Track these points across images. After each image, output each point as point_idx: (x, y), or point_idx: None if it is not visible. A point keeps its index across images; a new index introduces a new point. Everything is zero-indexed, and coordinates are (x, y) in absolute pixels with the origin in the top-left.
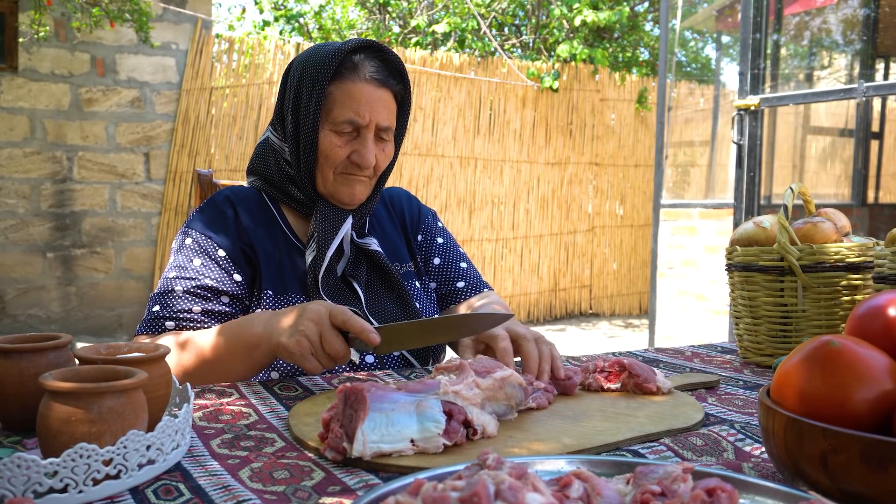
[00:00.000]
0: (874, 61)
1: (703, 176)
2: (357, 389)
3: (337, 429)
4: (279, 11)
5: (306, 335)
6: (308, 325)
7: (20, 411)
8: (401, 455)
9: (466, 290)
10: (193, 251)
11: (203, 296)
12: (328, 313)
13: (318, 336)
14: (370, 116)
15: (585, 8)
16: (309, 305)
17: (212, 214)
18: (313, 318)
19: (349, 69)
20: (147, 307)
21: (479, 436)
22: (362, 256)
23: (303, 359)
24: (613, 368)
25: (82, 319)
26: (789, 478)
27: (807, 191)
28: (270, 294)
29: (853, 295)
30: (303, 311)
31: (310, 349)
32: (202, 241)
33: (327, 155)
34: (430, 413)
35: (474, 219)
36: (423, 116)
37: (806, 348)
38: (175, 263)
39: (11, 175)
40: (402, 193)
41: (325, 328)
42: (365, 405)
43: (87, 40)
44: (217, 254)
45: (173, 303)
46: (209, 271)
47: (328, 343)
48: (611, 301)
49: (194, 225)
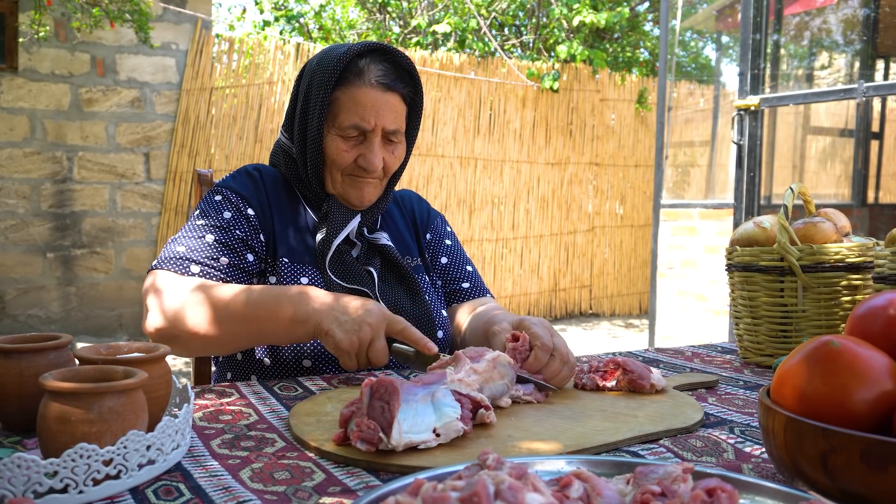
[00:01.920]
0: (874, 61)
1: (703, 176)
2: (387, 381)
3: (367, 421)
4: (279, 11)
5: (360, 337)
6: (366, 330)
7: (20, 411)
8: (426, 446)
9: (470, 292)
10: (223, 206)
11: (232, 248)
12: (387, 322)
13: (369, 341)
14: (375, 121)
15: (585, 8)
16: (371, 308)
17: (242, 179)
18: (373, 323)
19: (354, 74)
20: (166, 246)
21: (492, 409)
22: (374, 250)
23: (345, 356)
24: (609, 367)
25: (82, 319)
26: (789, 478)
27: (807, 191)
28: (286, 262)
29: (853, 295)
30: (365, 311)
31: (356, 350)
32: (233, 198)
33: (334, 159)
34: (445, 401)
35: (474, 219)
36: (424, 116)
37: (806, 348)
38: (203, 214)
39: (11, 175)
40: (412, 195)
41: (379, 336)
42: (398, 396)
43: (87, 40)
44: (247, 211)
45: (201, 248)
46: (239, 224)
47: (374, 350)
48: (611, 301)
49: (226, 184)
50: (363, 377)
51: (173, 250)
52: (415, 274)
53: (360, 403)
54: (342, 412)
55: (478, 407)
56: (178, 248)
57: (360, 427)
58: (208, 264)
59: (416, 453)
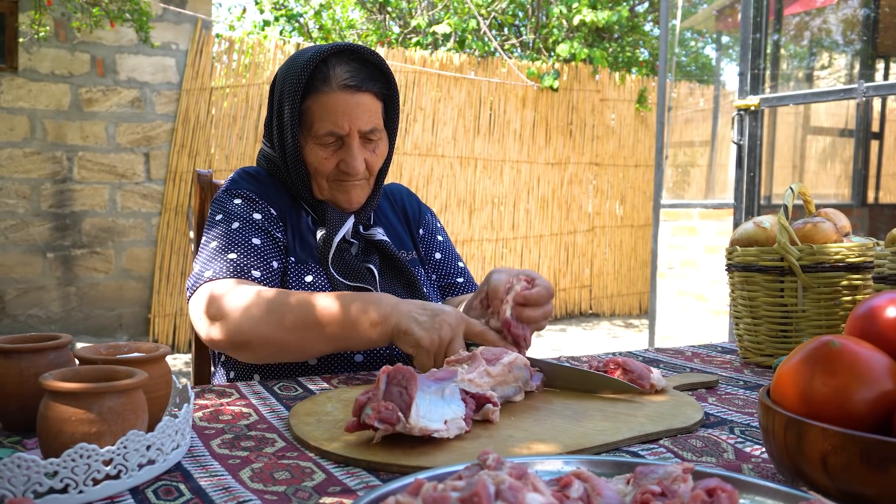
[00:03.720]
0: (874, 61)
1: (703, 176)
2: (404, 369)
3: (384, 402)
4: (279, 11)
5: (441, 335)
6: (446, 329)
7: (20, 411)
8: (440, 435)
9: (464, 286)
10: (250, 208)
11: (278, 248)
12: (466, 324)
13: (449, 341)
14: (350, 125)
15: (584, 8)
16: (448, 310)
17: (250, 180)
18: (452, 323)
19: (322, 80)
20: (207, 256)
21: (499, 407)
22: (371, 246)
23: (423, 355)
24: (608, 367)
25: (82, 319)
26: (789, 478)
27: (807, 191)
28: (293, 261)
29: (853, 295)
30: (444, 312)
31: (435, 350)
32: (255, 198)
33: (316, 168)
34: (452, 398)
35: (474, 219)
36: (423, 116)
37: (806, 348)
38: (231, 216)
39: (11, 175)
40: (402, 189)
41: (458, 336)
42: (415, 381)
43: (87, 40)
44: (271, 210)
45: (253, 252)
46: (274, 225)
47: (454, 350)
48: (611, 301)
49: (239, 186)
50: (363, 377)
51: (225, 257)
52: (412, 267)
53: (375, 391)
54: (358, 399)
55: (484, 402)
56: (229, 254)
57: (378, 409)
58: (265, 269)
59: (417, 453)
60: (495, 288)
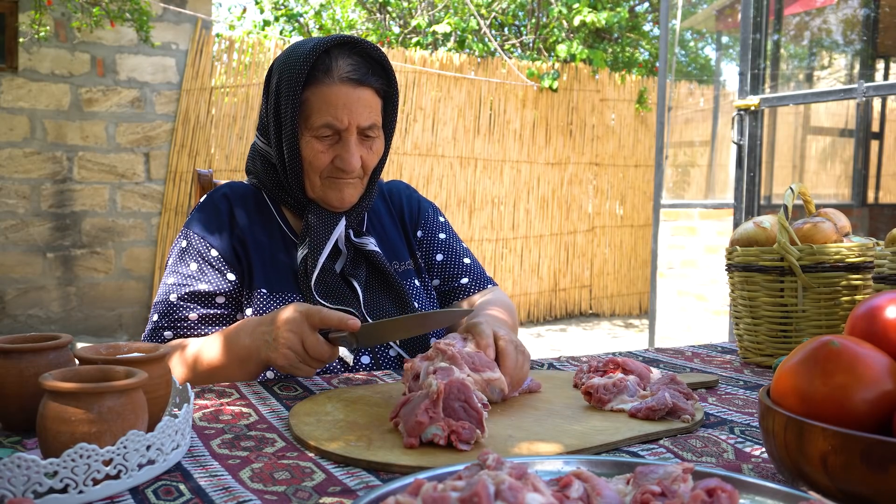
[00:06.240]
0: (874, 61)
1: (703, 176)
2: (456, 382)
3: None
4: (279, 11)
5: (289, 347)
6: (288, 336)
7: (20, 411)
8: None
9: (470, 287)
10: (189, 255)
11: (199, 300)
12: (304, 318)
13: (301, 343)
14: (349, 119)
15: (584, 8)
16: (281, 314)
17: (208, 213)
18: (291, 327)
19: (323, 72)
20: (150, 316)
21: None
22: (361, 256)
23: (294, 369)
24: (608, 367)
25: (82, 319)
26: (789, 478)
27: (807, 191)
28: (265, 292)
29: (853, 295)
30: (276, 321)
31: (296, 358)
32: (197, 242)
33: (311, 161)
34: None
35: (474, 219)
36: (423, 116)
37: (806, 348)
38: (172, 269)
39: (11, 175)
40: (401, 187)
41: (305, 334)
42: (472, 392)
43: (87, 40)
44: (210, 255)
45: (170, 311)
46: (203, 275)
47: (312, 348)
48: (611, 301)
49: (192, 226)
50: (363, 377)
51: (151, 319)
52: (402, 280)
53: (433, 411)
54: (418, 420)
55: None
56: (154, 315)
57: (455, 430)
58: (179, 325)
59: (417, 453)
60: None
